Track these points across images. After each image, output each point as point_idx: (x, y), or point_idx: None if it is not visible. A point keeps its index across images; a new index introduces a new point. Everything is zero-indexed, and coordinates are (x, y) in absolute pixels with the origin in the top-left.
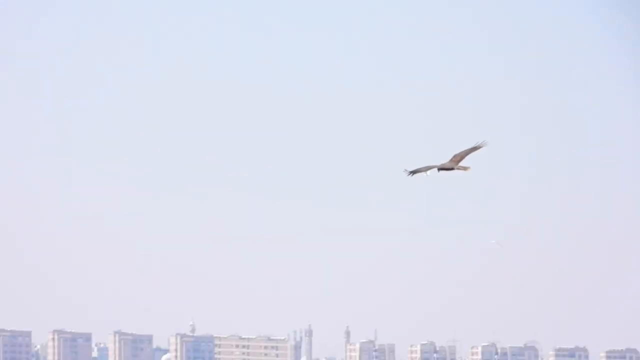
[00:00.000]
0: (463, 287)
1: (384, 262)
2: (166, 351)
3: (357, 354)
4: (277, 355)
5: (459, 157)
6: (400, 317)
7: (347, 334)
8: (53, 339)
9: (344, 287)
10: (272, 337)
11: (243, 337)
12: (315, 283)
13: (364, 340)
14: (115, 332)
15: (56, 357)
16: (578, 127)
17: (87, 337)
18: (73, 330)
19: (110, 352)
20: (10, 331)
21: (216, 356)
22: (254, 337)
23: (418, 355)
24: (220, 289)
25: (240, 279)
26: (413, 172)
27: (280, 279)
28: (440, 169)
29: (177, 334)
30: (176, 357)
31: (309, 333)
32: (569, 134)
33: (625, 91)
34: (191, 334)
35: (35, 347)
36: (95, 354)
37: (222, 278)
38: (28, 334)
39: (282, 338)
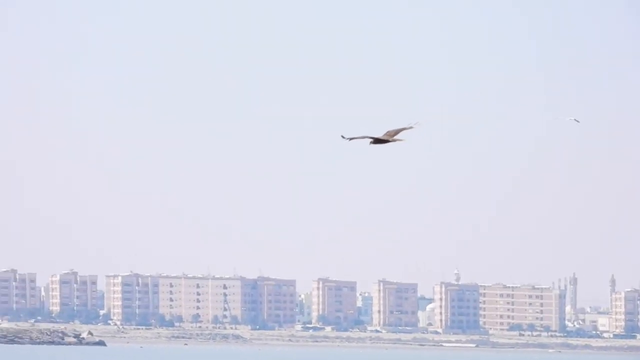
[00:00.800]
0: None
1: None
2: (430, 300)
3: (622, 302)
4: (541, 305)
5: (393, 133)
6: None
7: (613, 282)
8: (317, 287)
9: (609, 234)
10: (536, 286)
11: (507, 285)
12: (580, 230)
13: (629, 289)
14: (380, 281)
15: (320, 306)
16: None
17: (352, 286)
18: (337, 279)
19: (375, 301)
20: (275, 280)
21: (481, 305)
22: (519, 285)
23: None
24: (484, 237)
25: (502, 227)
26: (350, 139)
27: (545, 228)
28: (375, 140)
29: (442, 283)
30: (441, 306)
31: (574, 281)
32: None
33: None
34: (456, 283)
35: (300, 296)
36: (359, 303)
37: (485, 226)
38: (292, 283)
39: (547, 287)
